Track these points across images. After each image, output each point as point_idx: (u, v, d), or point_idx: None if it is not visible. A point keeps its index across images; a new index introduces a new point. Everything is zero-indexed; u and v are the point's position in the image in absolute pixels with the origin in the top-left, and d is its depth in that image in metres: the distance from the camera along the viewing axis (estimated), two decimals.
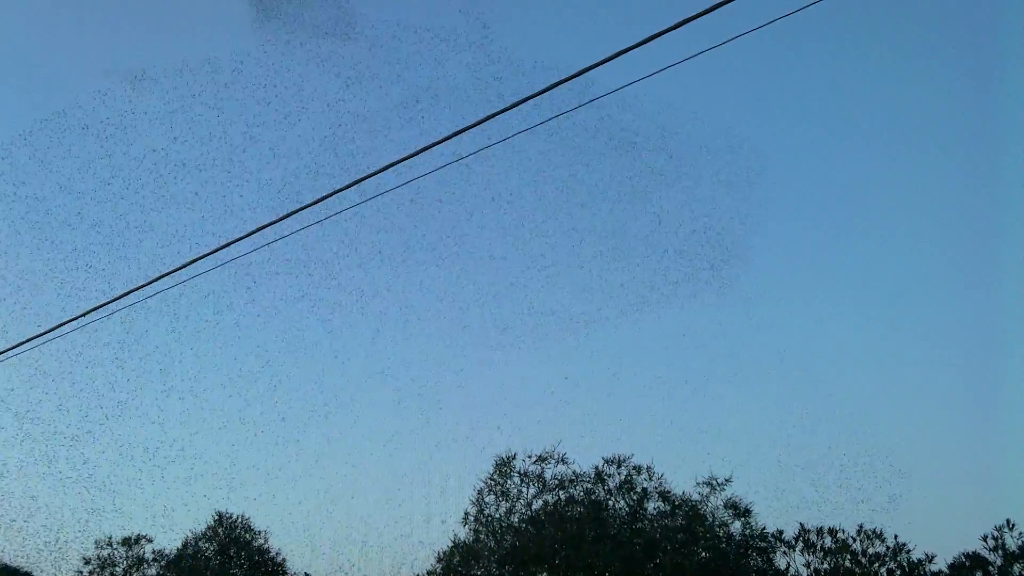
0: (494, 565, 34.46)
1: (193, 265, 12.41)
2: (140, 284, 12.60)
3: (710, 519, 35.29)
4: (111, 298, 13.09)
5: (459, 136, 11.00)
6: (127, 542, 52.38)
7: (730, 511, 35.54)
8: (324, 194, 11.41)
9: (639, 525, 35.32)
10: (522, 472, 36.67)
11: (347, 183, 11.28)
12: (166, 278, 12.56)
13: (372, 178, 11.31)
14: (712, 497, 35.72)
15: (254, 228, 11.80)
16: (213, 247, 11.86)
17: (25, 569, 61.57)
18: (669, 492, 35.96)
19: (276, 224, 11.81)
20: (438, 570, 35.90)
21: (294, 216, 11.69)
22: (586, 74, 10.37)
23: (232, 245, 11.99)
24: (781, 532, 35.64)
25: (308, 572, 45.17)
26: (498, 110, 10.84)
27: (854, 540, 35.17)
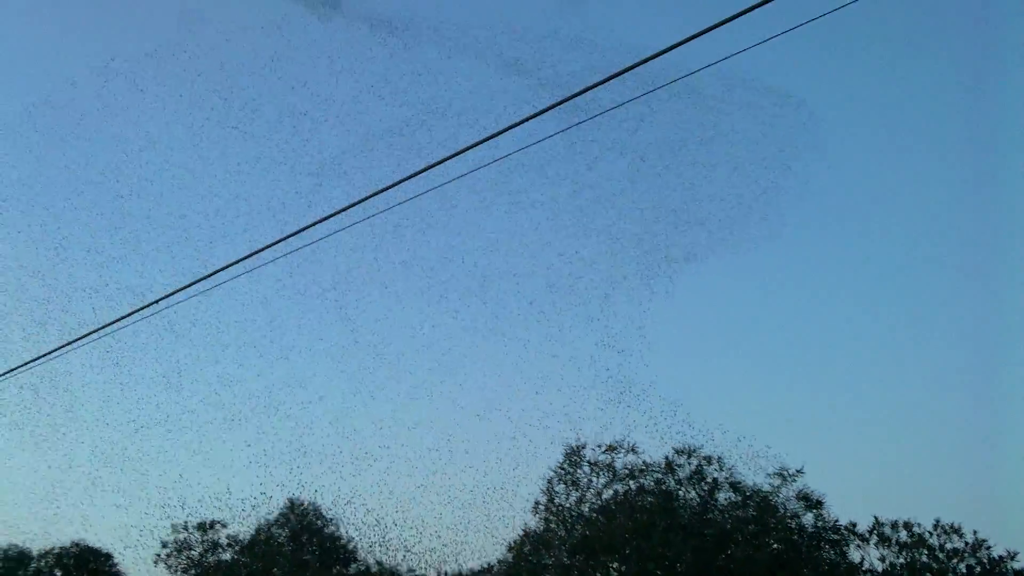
0: (564, 555, 34.49)
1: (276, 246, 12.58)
2: (218, 268, 12.74)
3: (782, 510, 34.92)
4: (189, 282, 13.28)
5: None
6: (202, 527, 53.39)
7: (802, 503, 35.12)
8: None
9: (710, 516, 35.09)
10: (592, 462, 36.67)
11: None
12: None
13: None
14: (783, 488, 35.35)
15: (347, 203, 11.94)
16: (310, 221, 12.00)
17: (106, 551, 63.10)
18: (740, 483, 35.70)
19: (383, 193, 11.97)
20: (509, 559, 36.05)
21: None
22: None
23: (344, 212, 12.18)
24: (854, 525, 35.17)
25: (379, 560, 45.63)
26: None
27: (931, 534, 34.58)
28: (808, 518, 34.92)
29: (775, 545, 34.14)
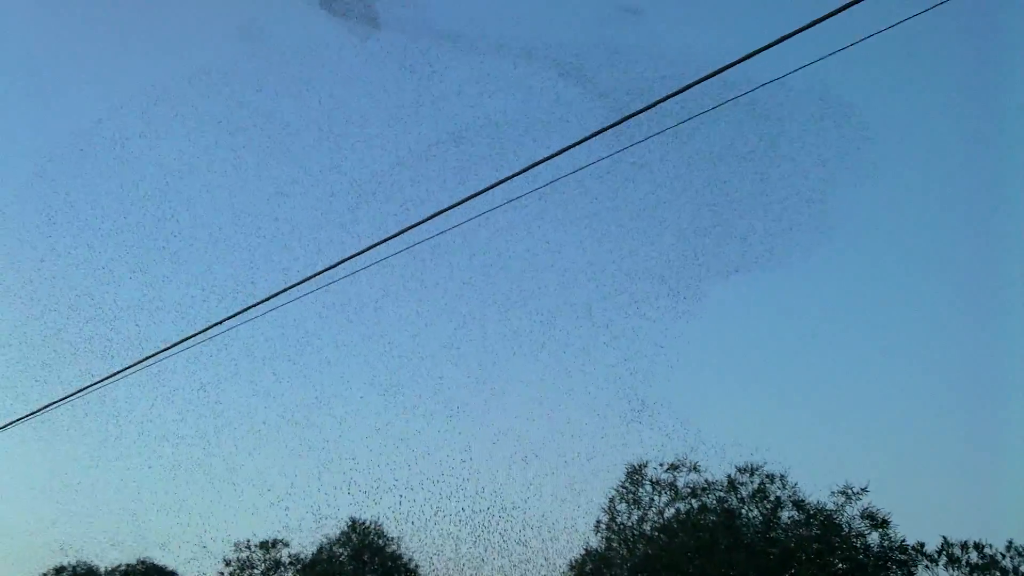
0: (626, 573, 34.37)
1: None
2: (292, 284, 12.89)
3: (846, 529, 34.45)
4: (255, 302, 13.47)
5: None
6: (265, 546, 53.95)
7: (867, 521, 34.60)
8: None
9: (773, 534, 34.75)
10: (654, 480, 36.52)
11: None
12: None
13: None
14: (848, 507, 34.85)
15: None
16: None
17: (170, 569, 63.94)
18: (804, 501, 35.27)
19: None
20: None
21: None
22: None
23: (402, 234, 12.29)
24: (922, 545, 34.54)
25: None
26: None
27: (1003, 556, 33.89)
28: (874, 537, 34.38)
29: (840, 564, 33.68)
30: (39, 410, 16.46)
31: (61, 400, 16.13)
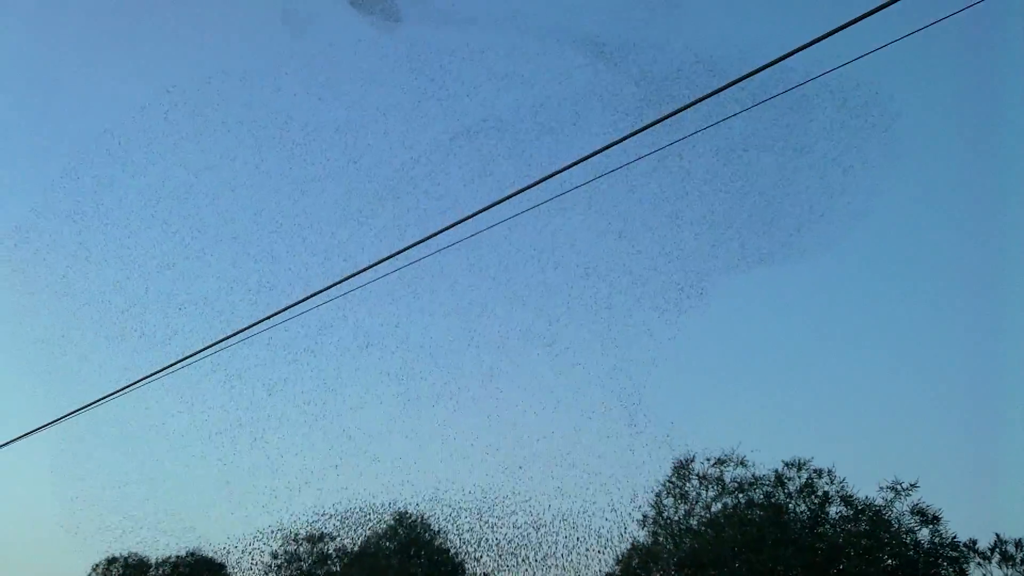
0: (673, 568, 34.32)
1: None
2: (362, 267, 12.89)
3: (895, 525, 34.13)
4: (324, 286, 13.60)
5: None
6: (311, 539, 54.47)
7: (917, 518, 34.24)
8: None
9: (821, 529, 34.53)
10: (701, 475, 36.42)
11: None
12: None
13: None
14: (897, 503, 34.52)
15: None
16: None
17: (219, 561, 64.76)
18: (852, 496, 34.99)
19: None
20: (617, 572, 36.00)
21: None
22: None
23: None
24: (975, 542, 34.09)
25: (486, 572, 45.87)
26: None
27: None
28: (924, 534, 34.01)
29: (889, 561, 33.37)
30: (86, 406, 16.75)
31: (108, 396, 16.41)
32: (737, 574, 32.69)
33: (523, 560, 50.59)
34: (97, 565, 65.93)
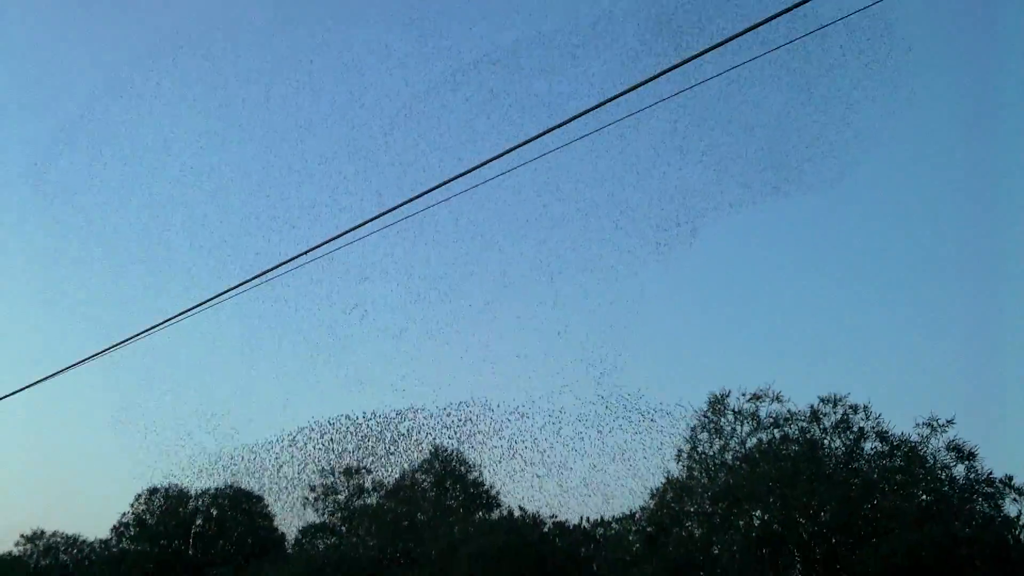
0: (707, 502, 34.56)
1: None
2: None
3: (931, 461, 34.10)
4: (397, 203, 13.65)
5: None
6: (348, 472, 55.25)
7: (952, 454, 34.16)
8: None
9: (856, 465, 34.61)
10: (736, 410, 36.50)
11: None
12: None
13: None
14: (933, 439, 34.42)
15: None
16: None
17: (258, 493, 65.87)
18: (887, 432, 34.95)
19: None
20: (651, 506, 36.31)
21: None
22: None
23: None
24: (1011, 478, 33.99)
25: (521, 506, 46.44)
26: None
27: None
28: (959, 470, 33.94)
29: (924, 496, 33.44)
30: (121, 343, 17.01)
31: (144, 332, 16.65)
32: (772, 509, 32.87)
33: (559, 493, 51.13)
34: (139, 495, 67.38)
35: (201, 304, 15.59)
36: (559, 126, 11.63)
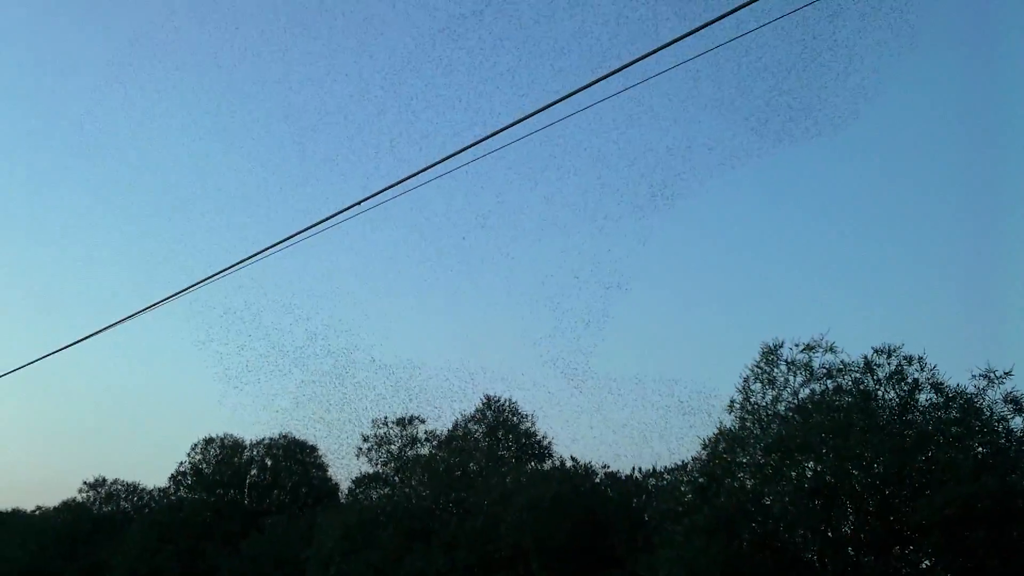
0: (760, 453, 34.52)
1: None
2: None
3: (987, 413, 33.68)
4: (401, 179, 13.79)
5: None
6: (401, 422, 55.90)
7: (1010, 406, 33.70)
8: None
9: (910, 417, 34.31)
10: (789, 361, 36.28)
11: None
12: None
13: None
14: (990, 390, 33.94)
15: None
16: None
17: (311, 443, 66.88)
18: (942, 384, 34.53)
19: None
20: (704, 456, 36.34)
21: None
22: None
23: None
24: None
25: (573, 456, 46.73)
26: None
27: None
28: (1017, 422, 33.47)
29: (980, 449, 33.09)
30: (172, 295, 17.29)
31: (184, 290, 16.92)
32: (824, 460, 32.77)
33: (610, 443, 51.06)
34: (196, 444, 68.79)
35: (279, 243, 15.82)
36: (567, 97, 11.62)
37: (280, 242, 15.23)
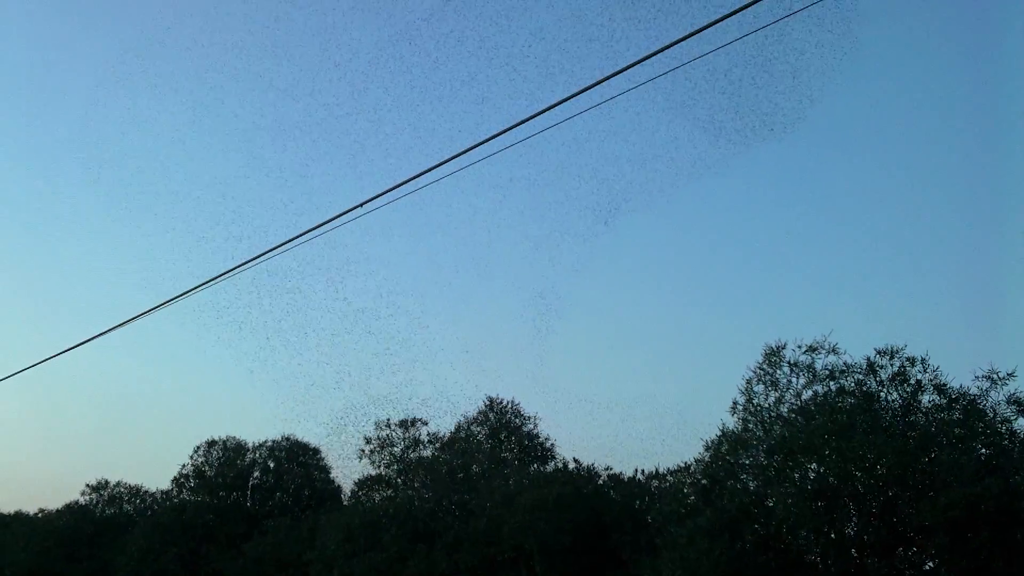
0: (762, 455, 34.51)
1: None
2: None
3: (991, 415, 33.65)
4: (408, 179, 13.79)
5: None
6: (404, 424, 55.84)
7: (1013, 407, 33.65)
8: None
9: (913, 418, 34.30)
10: (792, 362, 36.24)
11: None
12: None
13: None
14: (993, 392, 33.91)
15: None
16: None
17: (314, 445, 66.83)
18: (945, 385, 34.49)
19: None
20: (706, 458, 36.32)
21: None
22: None
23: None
24: None
25: (576, 457, 46.71)
26: None
27: None
28: (1021, 423, 33.42)
29: (983, 450, 33.05)
30: (174, 298, 17.30)
31: (188, 291, 16.91)
32: (827, 461, 32.74)
33: (613, 445, 51.03)
34: (199, 446, 68.75)
35: (270, 251, 15.82)
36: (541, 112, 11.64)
37: (280, 245, 15.25)
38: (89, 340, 19.16)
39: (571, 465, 45.75)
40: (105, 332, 18.67)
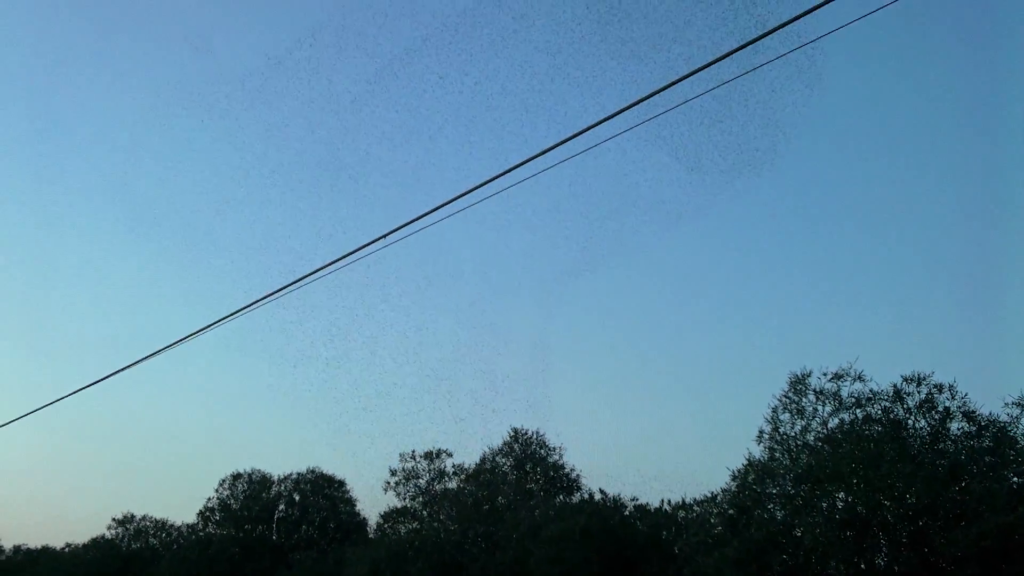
0: (789, 483, 34.20)
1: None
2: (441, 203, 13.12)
3: (1022, 442, 33.22)
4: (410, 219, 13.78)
5: None
6: (429, 456, 55.79)
7: None
8: None
9: (941, 446, 33.89)
10: (817, 390, 35.96)
11: None
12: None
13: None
14: (1023, 419, 33.51)
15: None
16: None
17: (339, 478, 66.81)
18: (974, 412, 34.10)
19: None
20: (733, 488, 36.03)
21: None
22: None
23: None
24: None
25: (602, 488, 46.46)
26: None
27: None
28: None
29: (1015, 479, 32.60)
30: (198, 332, 17.36)
31: (216, 323, 16.96)
32: (856, 490, 32.39)
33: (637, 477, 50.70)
34: (224, 480, 68.88)
35: (290, 285, 15.88)
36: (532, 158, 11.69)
37: (297, 280, 15.30)
38: (113, 374, 19.23)
39: (597, 496, 45.50)
40: (129, 366, 18.75)
